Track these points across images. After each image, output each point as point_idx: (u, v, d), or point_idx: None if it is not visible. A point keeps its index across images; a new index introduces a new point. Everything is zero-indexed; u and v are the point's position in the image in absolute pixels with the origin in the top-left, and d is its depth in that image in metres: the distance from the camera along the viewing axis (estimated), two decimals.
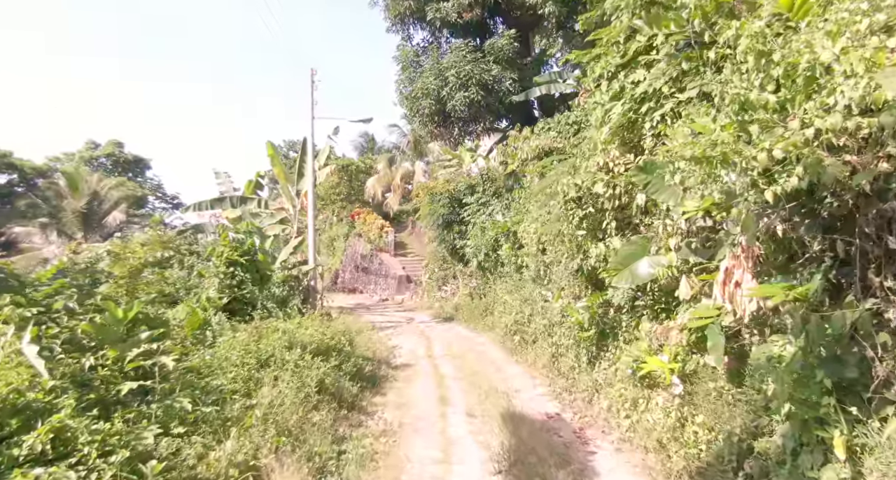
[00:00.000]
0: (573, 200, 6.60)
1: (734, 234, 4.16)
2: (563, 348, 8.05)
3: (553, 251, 10.27)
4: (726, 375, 4.36)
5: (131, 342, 4.84)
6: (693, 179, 3.72)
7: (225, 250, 8.99)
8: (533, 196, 12.14)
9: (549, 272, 10.15)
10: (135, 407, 4.54)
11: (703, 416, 4.30)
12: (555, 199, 10.76)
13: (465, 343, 12.74)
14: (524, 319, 10.90)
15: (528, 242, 11.84)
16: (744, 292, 3.93)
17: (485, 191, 16.51)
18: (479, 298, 16.42)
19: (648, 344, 5.32)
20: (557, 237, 7.81)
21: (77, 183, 23.65)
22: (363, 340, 12.11)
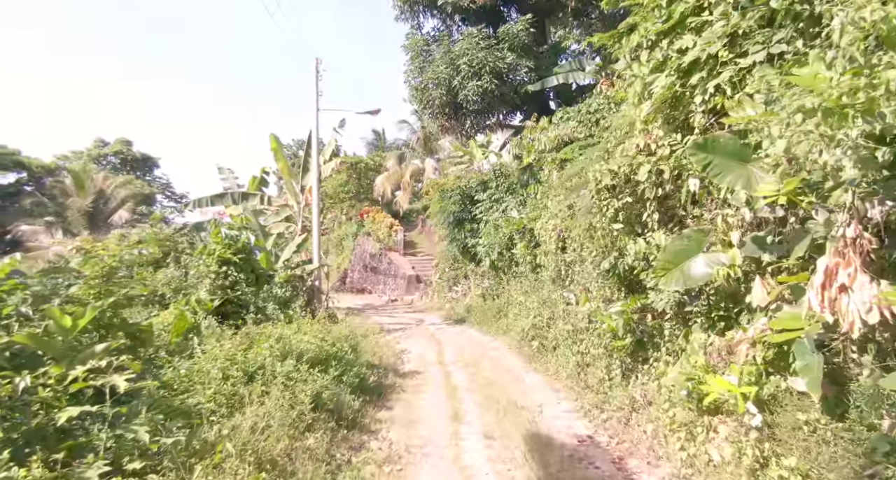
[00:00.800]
0: (607, 189, 5.63)
1: (835, 224, 3.18)
2: (591, 357, 7.08)
3: (578, 249, 9.31)
4: (822, 405, 3.38)
5: (82, 356, 3.97)
6: (805, 145, 2.75)
7: (217, 248, 8.14)
8: (552, 190, 11.17)
9: (571, 272, 9.18)
10: (81, 438, 3.68)
11: (793, 458, 3.32)
12: (577, 192, 9.81)
13: (478, 348, 11.79)
14: (543, 323, 9.94)
15: (546, 240, 10.89)
16: (856, 298, 2.95)
17: (498, 187, 15.55)
18: (492, 299, 15.47)
19: (706, 360, 4.35)
20: (587, 232, 6.84)
21: (83, 181, 23.07)
22: (369, 345, 11.22)
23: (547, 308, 10.06)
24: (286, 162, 14.07)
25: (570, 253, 9.84)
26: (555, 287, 10.11)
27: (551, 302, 10.02)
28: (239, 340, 6.44)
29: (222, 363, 5.63)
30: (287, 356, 6.49)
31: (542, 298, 10.48)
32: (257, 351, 6.12)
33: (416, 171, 25.66)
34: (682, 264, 4.52)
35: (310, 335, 7.68)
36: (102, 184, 24.58)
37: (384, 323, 16.57)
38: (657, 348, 5.69)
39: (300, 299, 12.90)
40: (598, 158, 6.53)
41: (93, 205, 23.30)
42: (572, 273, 9.11)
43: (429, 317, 17.47)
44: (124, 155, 35.08)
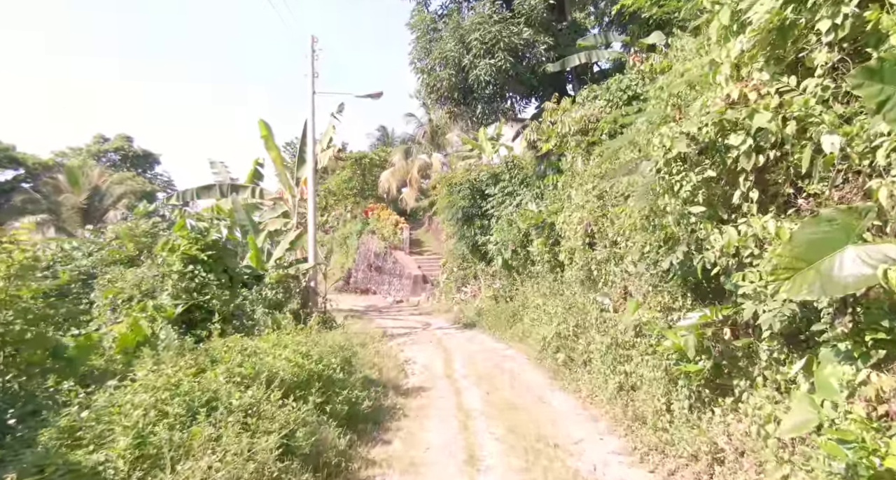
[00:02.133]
0: (680, 160, 4.03)
1: None
2: (644, 381, 5.48)
3: (610, 245, 7.72)
4: None
5: None
6: None
7: (181, 243, 6.63)
8: (576, 178, 9.57)
9: (605, 272, 7.58)
10: None
11: None
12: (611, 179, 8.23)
13: (492, 357, 10.22)
14: (568, 332, 8.34)
15: (571, 235, 9.29)
16: None
17: (511, 179, 13.96)
18: (504, 301, 13.89)
19: (867, 412, 2.76)
20: (646, 220, 5.23)
21: (77, 177, 21.76)
22: (368, 354, 9.68)
23: (573, 314, 8.46)
24: (279, 151, 12.58)
25: (600, 249, 8.26)
26: (583, 289, 8.51)
27: (579, 307, 8.42)
28: (187, 361, 4.89)
29: (158, 394, 4.09)
30: (255, 380, 4.96)
31: (567, 302, 8.88)
32: (211, 375, 4.59)
33: (423, 167, 24.13)
34: (818, 261, 2.93)
35: (291, 348, 6.13)
36: (98, 181, 23.27)
37: (387, 326, 15.03)
38: (747, 377, 4.09)
39: (293, 301, 11.42)
40: (658, 123, 4.91)
41: (87, 201, 21.99)
42: (606, 273, 7.51)
43: (436, 321, 15.92)
44: (125, 151, 33.72)
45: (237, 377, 4.79)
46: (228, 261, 6.80)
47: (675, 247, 4.43)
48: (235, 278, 6.95)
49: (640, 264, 5.57)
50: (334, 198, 27.76)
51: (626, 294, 6.73)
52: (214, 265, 6.66)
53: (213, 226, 6.84)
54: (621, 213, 6.26)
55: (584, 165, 9.49)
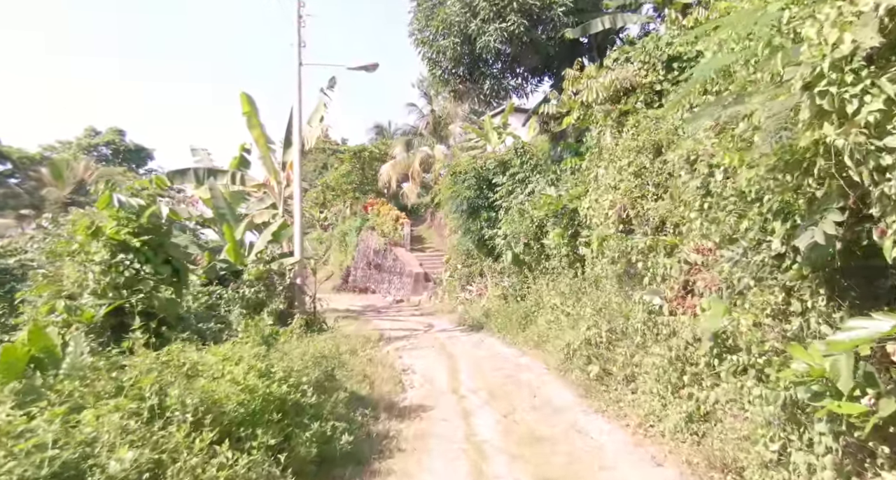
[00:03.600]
0: (854, 64, 2.33)
1: None
2: (729, 413, 3.78)
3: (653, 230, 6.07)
4: None
5: None
6: None
7: (107, 225, 4.96)
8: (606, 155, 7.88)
9: (653, 264, 5.89)
10: None
11: None
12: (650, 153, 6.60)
13: (504, 366, 8.54)
14: (601, 338, 6.65)
15: (600, 222, 7.61)
16: None
17: (523, 165, 12.27)
18: (515, 301, 12.19)
19: None
20: (770, 173, 3.51)
21: (61, 171, 20.17)
22: (358, 363, 8.02)
23: (606, 317, 6.78)
24: (262, 130, 10.93)
25: (639, 236, 6.58)
26: (619, 286, 6.82)
27: (613, 308, 6.73)
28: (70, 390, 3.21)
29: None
30: (173, 414, 3.30)
31: (597, 302, 7.19)
32: (89, 417, 2.91)
33: (425, 160, 22.46)
34: None
35: (246, 363, 4.45)
36: (83, 174, 21.70)
37: (385, 329, 13.36)
38: None
39: (276, 301, 9.77)
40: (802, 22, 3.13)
41: (72, 196, 20.42)
42: (654, 265, 5.82)
43: (438, 322, 14.24)
44: (116, 145, 31.95)
45: (149, 412, 3.13)
46: (173, 250, 5.13)
47: (817, 215, 2.74)
48: (183, 271, 5.28)
49: (733, 248, 3.86)
50: (333, 194, 26.10)
51: (687, 290, 5.04)
52: (152, 254, 5.01)
53: (148, 198, 5.13)
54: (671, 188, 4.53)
55: (614, 139, 7.81)
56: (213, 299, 9.31)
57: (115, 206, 5.00)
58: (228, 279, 10.11)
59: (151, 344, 4.67)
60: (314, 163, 30.93)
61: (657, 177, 6.72)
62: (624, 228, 7.07)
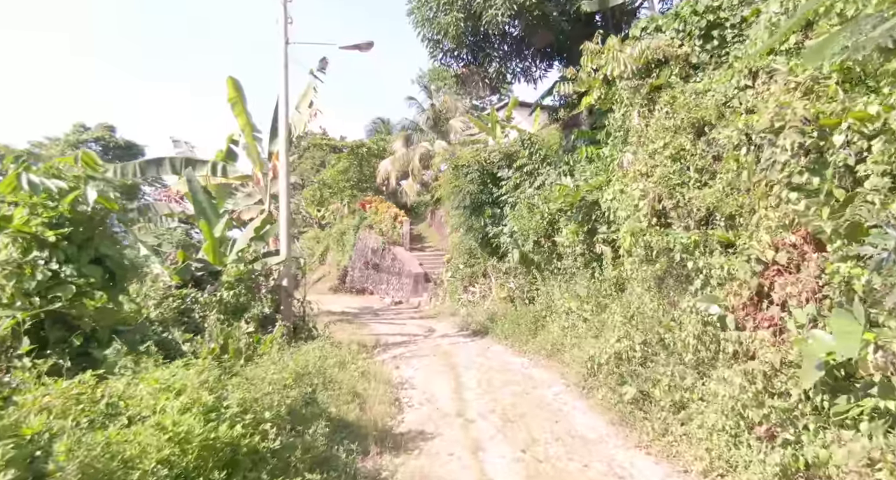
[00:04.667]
0: None
1: None
2: None
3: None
4: None
5: None
6: None
7: (15, 213, 3.79)
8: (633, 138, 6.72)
9: (707, 264, 4.72)
10: None
11: None
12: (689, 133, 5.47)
13: (515, 379, 7.37)
14: (634, 352, 5.48)
15: (628, 214, 6.47)
16: None
17: (532, 156, 11.10)
18: (523, 304, 11.05)
19: None
20: None
21: None
22: (349, 378, 6.84)
23: (640, 327, 5.61)
24: (248, 118, 9.73)
25: (679, 230, 5.43)
26: (657, 290, 5.65)
27: (648, 316, 5.56)
28: None
29: None
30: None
31: (628, 308, 6.02)
32: None
33: (425, 155, 21.25)
34: None
35: (189, 393, 3.28)
36: None
37: (382, 333, 12.21)
38: None
39: (259, 305, 8.60)
40: None
41: None
42: (708, 266, 4.65)
43: (440, 326, 13.07)
44: (106, 141, 30.50)
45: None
46: (105, 246, 3.95)
47: None
48: (120, 273, 4.10)
49: (879, 240, 2.68)
50: (330, 191, 24.88)
51: (761, 298, 3.87)
52: (75, 251, 3.85)
53: (73, 180, 3.95)
54: None
55: (643, 119, 6.64)
56: (186, 303, 8.14)
57: (25, 189, 3.85)
58: (206, 280, 8.96)
59: (78, 365, 3.51)
60: (311, 160, 29.76)
61: (701, 161, 5.57)
62: (659, 222, 5.92)
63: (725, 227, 4.98)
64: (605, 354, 5.83)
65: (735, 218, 4.89)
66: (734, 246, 4.64)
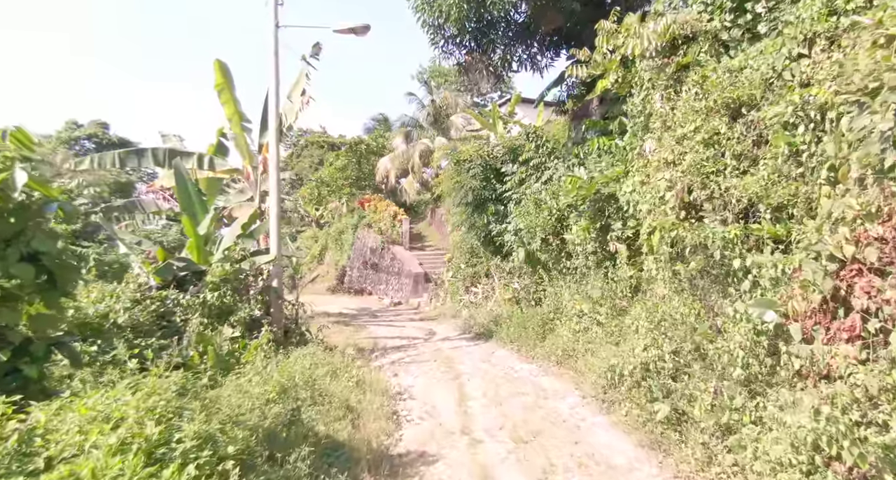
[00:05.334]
0: None
1: None
2: None
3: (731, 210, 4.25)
4: None
5: None
6: None
7: None
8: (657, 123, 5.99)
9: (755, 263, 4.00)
10: None
11: None
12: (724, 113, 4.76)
13: (525, 390, 6.65)
14: (663, 362, 4.76)
15: (650, 208, 5.76)
16: None
17: (538, 149, 10.39)
18: (529, 305, 10.34)
19: None
20: None
21: None
22: (342, 389, 6.12)
23: (669, 334, 4.90)
24: (236, 106, 9.00)
25: (714, 223, 4.72)
26: (688, 293, 4.93)
27: (678, 321, 4.84)
28: None
29: None
30: None
31: (654, 312, 5.29)
32: None
33: (425, 152, 20.52)
34: None
35: (129, 425, 2.55)
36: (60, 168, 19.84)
37: (380, 336, 11.49)
38: None
39: (247, 308, 7.89)
40: None
41: None
42: (756, 264, 3.93)
43: (441, 328, 12.35)
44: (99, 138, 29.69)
45: None
46: (39, 242, 3.25)
47: None
48: (60, 273, 3.39)
49: None
50: (328, 189, 24.15)
51: (835, 302, 3.15)
52: (3, 248, 3.15)
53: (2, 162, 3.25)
54: None
55: (668, 102, 5.92)
56: (167, 306, 7.42)
57: None
58: (190, 281, 8.24)
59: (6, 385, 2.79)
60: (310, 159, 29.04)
61: (739, 146, 4.85)
62: (688, 215, 5.21)
63: (772, 220, 4.27)
64: (629, 364, 5.12)
65: (784, 209, 4.18)
66: (785, 241, 3.93)
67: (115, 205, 10.58)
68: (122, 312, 5.68)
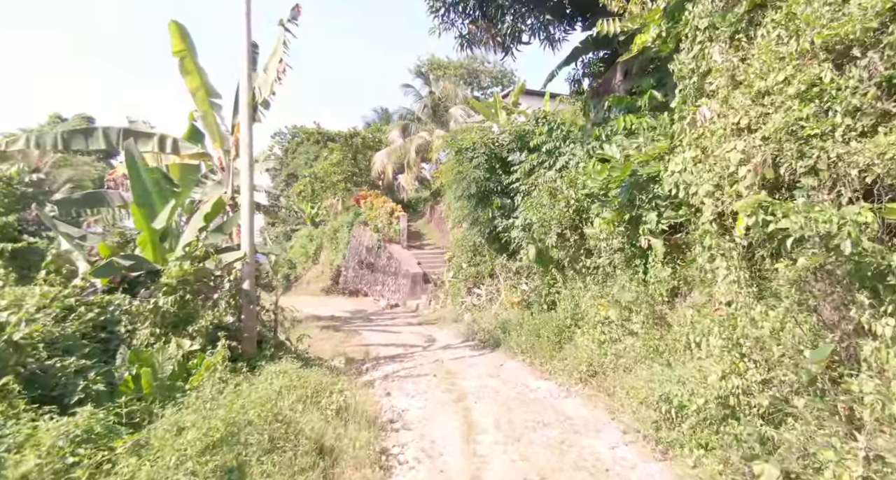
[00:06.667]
0: None
1: None
2: None
3: None
4: None
5: None
6: None
7: None
8: (717, 80, 4.58)
9: None
10: None
11: None
12: None
13: (548, 419, 5.23)
14: (755, 399, 3.35)
15: (713, 188, 4.37)
16: None
17: (551, 132, 8.97)
18: (541, 309, 8.92)
19: None
20: None
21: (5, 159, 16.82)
22: (316, 423, 4.69)
23: (757, 357, 3.48)
24: (202, 77, 7.50)
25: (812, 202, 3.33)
26: (789, 304, 3.51)
27: (777, 342, 3.43)
28: None
29: None
30: None
31: (731, 326, 3.87)
32: None
33: (423, 146, 19.10)
34: None
35: None
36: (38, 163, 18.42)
37: (374, 344, 10.08)
38: None
39: (211, 315, 6.46)
40: None
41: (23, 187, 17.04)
42: None
43: (441, 334, 10.93)
44: None
45: None
46: None
47: None
48: None
49: None
50: (322, 185, 22.69)
51: None
52: None
53: None
54: None
55: (732, 53, 4.51)
56: (109, 314, 6.00)
57: None
58: (144, 283, 6.82)
59: None
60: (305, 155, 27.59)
61: (855, 98, 3.44)
62: (773, 196, 3.80)
63: None
64: (698, 396, 3.70)
65: None
66: None
67: (72, 198, 9.13)
68: (22, 324, 4.23)
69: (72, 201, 9.16)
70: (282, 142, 29.61)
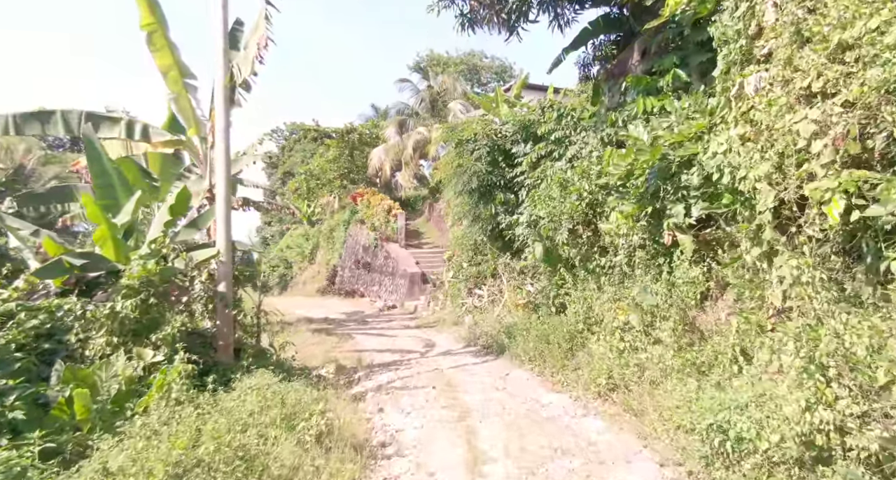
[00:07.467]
0: None
1: None
2: None
3: None
4: None
5: None
6: None
7: None
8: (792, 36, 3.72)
9: None
10: None
11: None
12: None
13: (566, 446, 4.37)
14: (845, 431, 2.51)
15: (774, 168, 3.48)
16: None
17: (560, 119, 8.12)
18: (549, 313, 8.06)
19: None
20: None
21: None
22: (290, 450, 3.81)
23: (848, 383, 2.63)
24: (174, 54, 6.60)
25: None
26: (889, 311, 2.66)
27: (857, 355, 2.59)
28: None
29: None
30: None
31: (813, 341, 3.02)
32: None
33: (421, 142, 18.25)
34: None
35: None
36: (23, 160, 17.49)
37: (368, 349, 9.23)
38: None
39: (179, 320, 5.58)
40: None
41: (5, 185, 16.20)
42: None
43: (440, 338, 10.09)
44: None
45: None
46: None
47: None
48: None
49: None
50: (318, 182, 21.82)
51: None
52: None
53: None
54: None
55: (790, 7, 3.66)
56: (58, 320, 5.14)
57: None
58: (103, 285, 5.96)
59: None
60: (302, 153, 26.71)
61: None
62: None
63: None
64: (773, 433, 2.84)
65: None
66: None
67: (35, 193, 8.26)
68: None
69: (35, 196, 8.27)
70: (278, 140, 28.71)
